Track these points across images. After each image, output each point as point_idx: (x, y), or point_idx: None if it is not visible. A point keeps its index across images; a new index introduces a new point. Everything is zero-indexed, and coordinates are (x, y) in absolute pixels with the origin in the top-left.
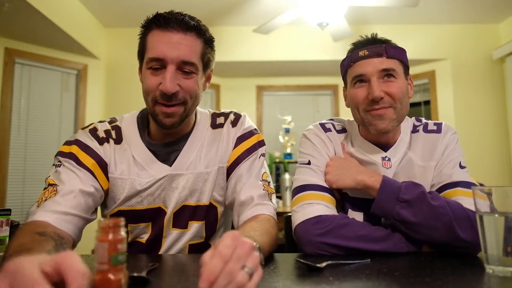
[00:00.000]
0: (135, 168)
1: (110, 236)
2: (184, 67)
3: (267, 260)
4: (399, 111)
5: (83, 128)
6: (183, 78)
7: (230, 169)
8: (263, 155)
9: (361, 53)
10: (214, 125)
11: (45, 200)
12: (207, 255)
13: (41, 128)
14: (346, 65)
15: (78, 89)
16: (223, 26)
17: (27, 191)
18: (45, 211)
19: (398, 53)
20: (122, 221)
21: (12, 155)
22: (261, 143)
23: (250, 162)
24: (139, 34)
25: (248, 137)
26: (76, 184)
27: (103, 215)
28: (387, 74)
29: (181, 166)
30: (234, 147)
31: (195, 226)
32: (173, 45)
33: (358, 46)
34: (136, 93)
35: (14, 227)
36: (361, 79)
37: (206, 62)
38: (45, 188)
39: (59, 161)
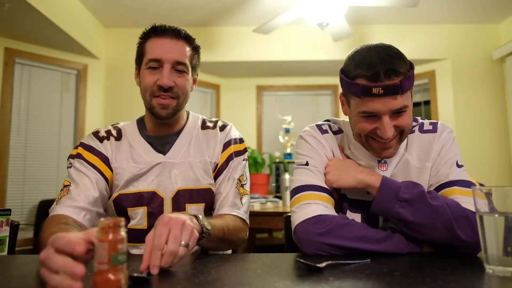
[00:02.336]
0: (133, 157)
1: (110, 236)
2: (178, 67)
3: (268, 260)
4: (406, 135)
5: (89, 134)
6: (177, 76)
7: (219, 170)
8: (244, 159)
9: (375, 91)
10: (204, 127)
11: (61, 198)
12: (149, 237)
13: (41, 128)
14: (353, 92)
15: (78, 89)
16: (223, 26)
17: (27, 191)
18: (62, 206)
19: (412, 81)
20: (122, 221)
21: (12, 155)
22: (245, 150)
23: (233, 165)
24: (137, 44)
25: (231, 144)
26: (85, 181)
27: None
28: (400, 111)
29: (174, 156)
30: (222, 151)
31: (193, 209)
32: (168, 48)
33: (371, 78)
34: (136, 93)
35: (14, 227)
36: (370, 115)
37: (194, 66)
38: (61, 190)
39: (70, 163)
